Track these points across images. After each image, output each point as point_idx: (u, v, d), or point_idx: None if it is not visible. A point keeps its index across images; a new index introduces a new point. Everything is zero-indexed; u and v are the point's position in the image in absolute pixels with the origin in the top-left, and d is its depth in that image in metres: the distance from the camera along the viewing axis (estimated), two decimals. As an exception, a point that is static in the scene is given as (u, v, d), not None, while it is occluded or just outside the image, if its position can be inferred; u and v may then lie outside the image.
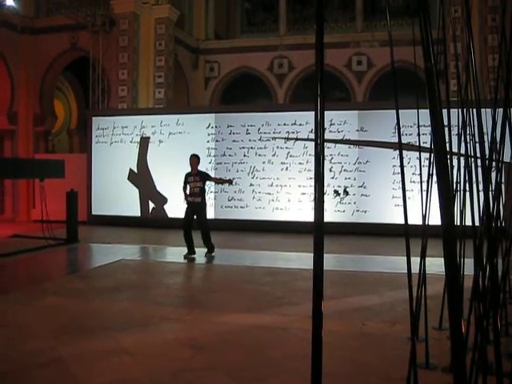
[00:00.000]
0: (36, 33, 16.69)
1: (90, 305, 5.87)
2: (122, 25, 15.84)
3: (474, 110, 3.75)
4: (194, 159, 9.36)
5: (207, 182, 9.47)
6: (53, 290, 6.71)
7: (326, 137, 11.74)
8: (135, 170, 14.38)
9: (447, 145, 3.30)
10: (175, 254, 10.16)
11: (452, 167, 4.20)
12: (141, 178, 14.32)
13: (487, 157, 3.42)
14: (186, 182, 9.26)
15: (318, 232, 1.83)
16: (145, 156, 14.35)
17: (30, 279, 7.76)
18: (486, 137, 3.70)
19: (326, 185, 8.21)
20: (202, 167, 13.73)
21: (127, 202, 14.30)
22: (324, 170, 1.91)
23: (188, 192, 9.19)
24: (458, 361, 1.74)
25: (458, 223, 3.98)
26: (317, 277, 1.82)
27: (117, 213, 14.35)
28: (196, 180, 9.18)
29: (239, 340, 4.67)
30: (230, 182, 10.01)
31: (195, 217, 9.17)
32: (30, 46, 16.64)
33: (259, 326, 5.02)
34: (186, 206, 9.28)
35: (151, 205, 14.28)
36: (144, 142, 14.36)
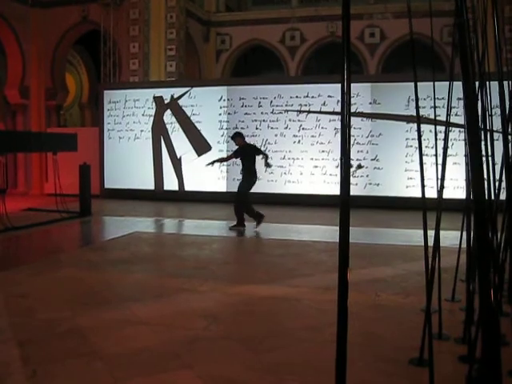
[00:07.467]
0: (46, 6, 16.59)
1: (105, 276, 5.94)
2: (132, -3, 15.71)
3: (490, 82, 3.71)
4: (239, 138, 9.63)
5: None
6: (67, 262, 6.80)
7: (338, 110, 11.65)
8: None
9: (461, 118, 3.29)
10: (188, 226, 10.25)
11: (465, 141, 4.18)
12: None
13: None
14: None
15: (344, 206, 1.82)
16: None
17: (45, 251, 7.83)
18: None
19: (338, 158, 8.19)
20: (213, 141, 13.79)
21: (140, 176, 14.36)
22: (348, 143, 1.88)
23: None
24: (488, 333, 1.76)
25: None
26: (343, 250, 1.82)
27: (130, 186, 14.44)
28: None
29: (253, 311, 4.72)
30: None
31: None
32: (41, 20, 16.56)
33: (272, 297, 5.06)
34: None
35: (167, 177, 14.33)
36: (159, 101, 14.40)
